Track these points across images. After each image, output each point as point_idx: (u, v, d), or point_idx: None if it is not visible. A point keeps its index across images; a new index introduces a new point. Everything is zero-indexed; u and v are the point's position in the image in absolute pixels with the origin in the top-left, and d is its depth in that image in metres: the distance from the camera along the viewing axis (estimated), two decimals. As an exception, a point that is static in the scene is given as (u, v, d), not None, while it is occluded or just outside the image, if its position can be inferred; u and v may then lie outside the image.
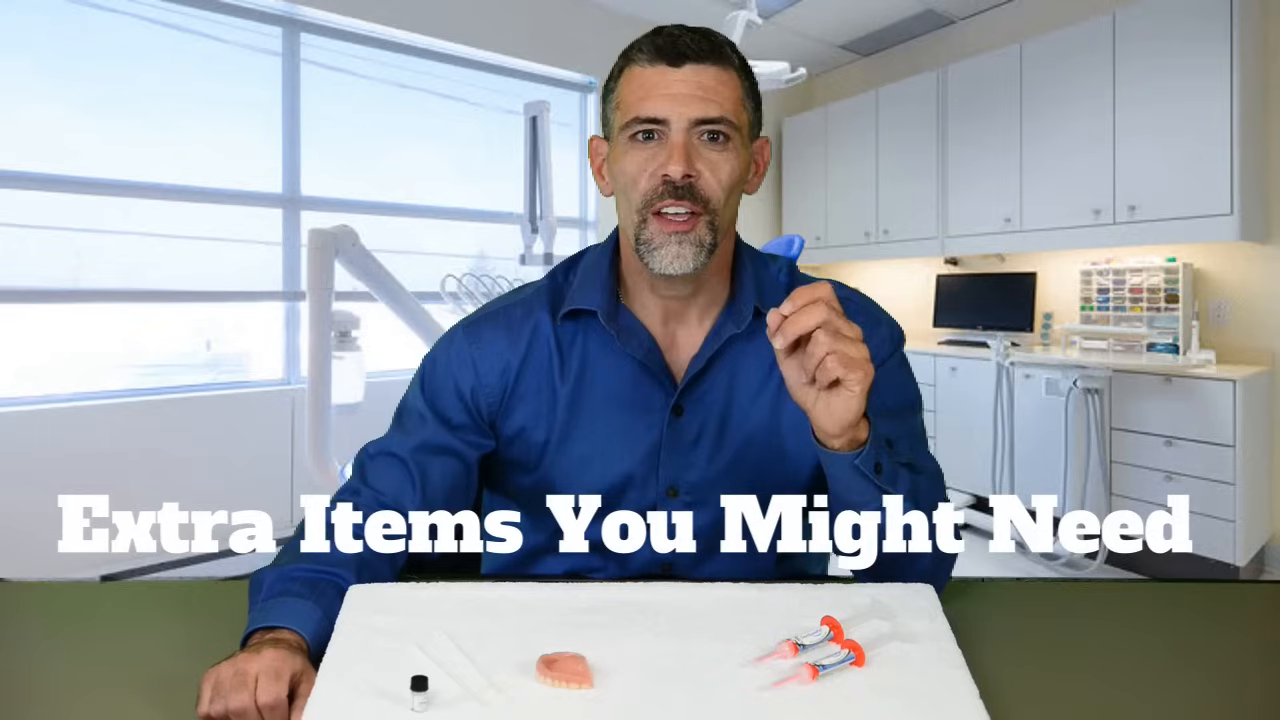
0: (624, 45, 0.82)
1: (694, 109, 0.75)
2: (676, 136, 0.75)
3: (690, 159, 0.75)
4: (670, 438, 0.84)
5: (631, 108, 0.77)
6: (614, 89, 0.81)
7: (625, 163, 0.78)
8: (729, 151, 0.77)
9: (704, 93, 0.75)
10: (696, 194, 0.76)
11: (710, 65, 0.76)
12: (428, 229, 3.75)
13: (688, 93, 0.75)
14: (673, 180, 0.75)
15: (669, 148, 0.75)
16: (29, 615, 0.77)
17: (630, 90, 0.78)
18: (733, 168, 0.77)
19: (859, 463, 0.69)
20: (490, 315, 0.89)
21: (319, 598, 0.68)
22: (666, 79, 0.76)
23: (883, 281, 4.61)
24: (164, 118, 3.01)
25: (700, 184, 0.76)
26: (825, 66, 4.85)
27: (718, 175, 0.76)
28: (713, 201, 0.77)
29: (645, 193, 0.77)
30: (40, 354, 2.79)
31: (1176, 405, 2.82)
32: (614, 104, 0.81)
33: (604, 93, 0.84)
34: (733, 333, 0.83)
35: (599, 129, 0.88)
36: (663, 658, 0.60)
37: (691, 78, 0.75)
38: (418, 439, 0.84)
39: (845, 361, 0.64)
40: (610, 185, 0.83)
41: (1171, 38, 2.97)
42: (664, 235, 0.76)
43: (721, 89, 0.76)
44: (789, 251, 2.36)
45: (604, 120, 0.84)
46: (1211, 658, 0.69)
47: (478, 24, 3.70)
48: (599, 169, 0.86)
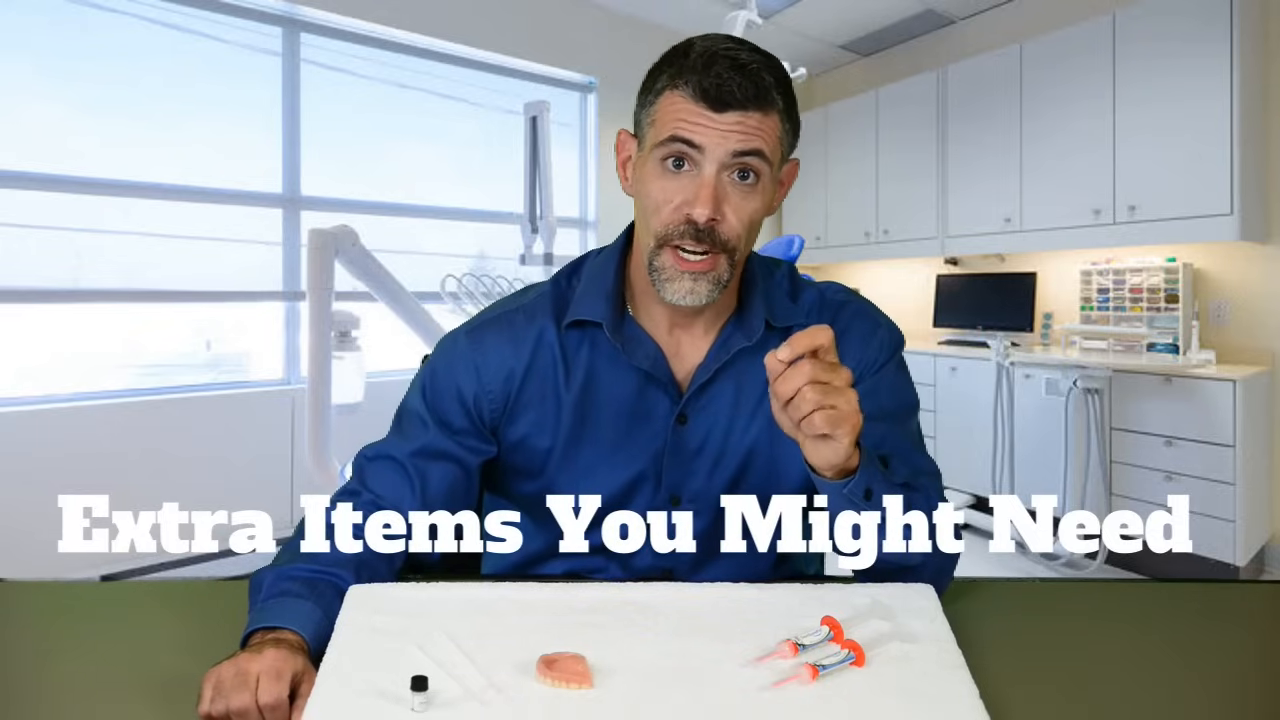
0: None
1: (732, 142, 0.73)
2: (709, 172, 0.73)
3: (718, 202, 0.74)
4: (673, 446, 0.84)
5: (668, 126, 0.75)
6: (653, 102, 0.77)
7: (651, 187, 0.77)
8: (756, 191, 0.76)
9: (743, 129, 0.73)
10: (717, 238, 0.75)
11: (753, 112, 0.73)
12: (428, 229, 3.75)
13: (728, 129, 0.73)
14: (695, 222, 0.74)
15: (698, 185, 0.74)
16: (29, 615, 0.77)
17: (668, 114, 0.75)
18: (757, 208, 0.76)
19: (846, 492, 0.69)
20: (493, 320, 0.88)
21: (319, 598, 0.68)
22: (705, 119, 0.73)
23: (883, 281, 4.61)
24: (164, 118, 3.01)
25: (722, 229, 0.75)
26: (825, 66, 4.85)
27: (740, 216, 0.75)
28: (732, 241, 0.76)
29: (666, 226, 0.76)
30: (40, 354, 2.79)
31: (1176, 405, 2.82)
32: (650, 116, 0.78)
33: (642, 93, 0.80)
34: (743, 345, 0.82)
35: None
36: (663, 658, 0.60)
37: (731, 123, 0.73)
38: (418, 443, 0.84)
39: (832, 419, 0.63)
40: (632, 186, 0.82)
41: (1171, 38, 2.97)
42: (678, 271, 0.76)
43: (762, 129, 0.74)
44: (789, 252, 2.36)
45: (636, 120, 0.81)
46: (1211, 658, 0.69)
47: (478, 24, 3.70)
48: (623, 164, 0.84)
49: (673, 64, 0.76)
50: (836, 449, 0.66)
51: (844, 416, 0.64)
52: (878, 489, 0.70)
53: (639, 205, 0.80)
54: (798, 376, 0.63)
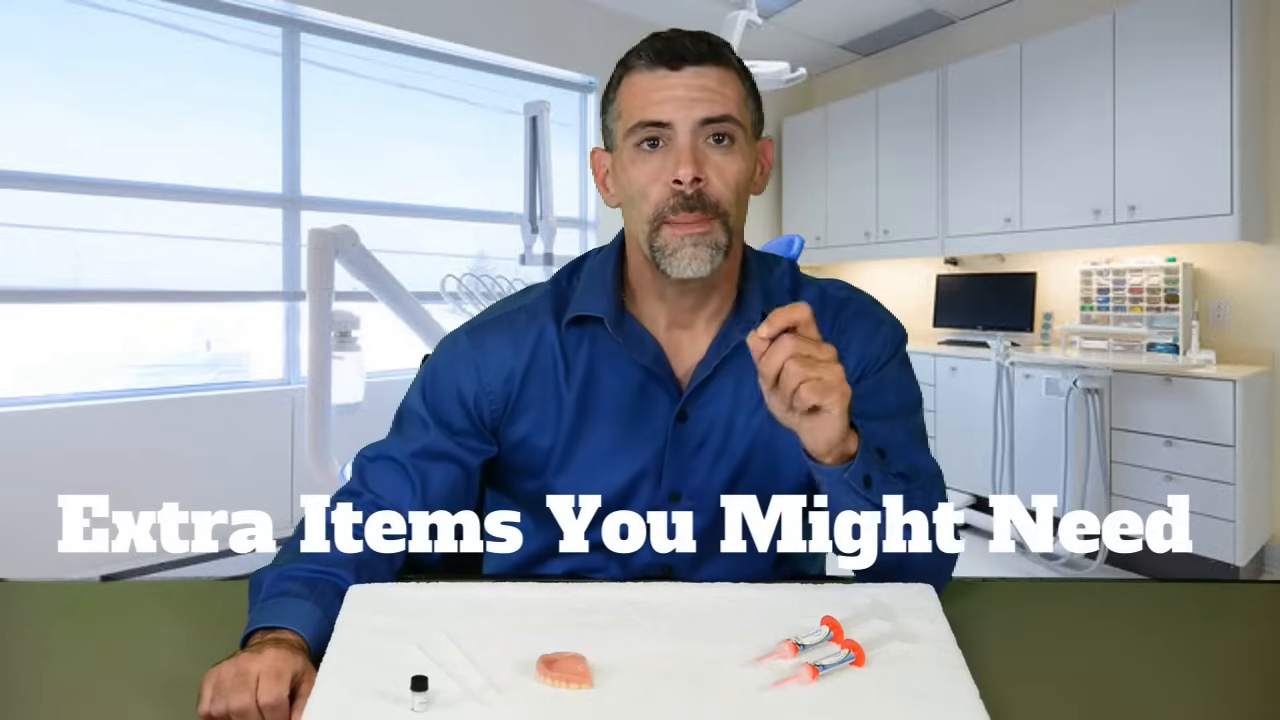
0: (624, 45, 0.81)
1: (698, 110, 0.74)
2: (683, 139, 0.75)
3: (699, 162, 0.75)
4: (674, 443, 0.84)
5: (634, 114, 0.77)
6: (614, 98, 0.80)
7: (633, 172, 0.78)
8: (735, 153, 0.77)
9: (707, 94, 0.75)
10: (706, 201, 0.76)
11: (710, 66, 0.76)
12: (428, 229, 3.75)
13: (690, 95, 0.75)
14: (683, 186, 0.74)
15: (676, 152, 0.75)
16: (29, 615, 0.77)
17: (631, 97, 0.77)
18: (739, 169, 0.77)
19: (847, 477, 0.69)
20: (494, 321, 0.88)
21: (319, 598, 0.68)
22: (667, 82, 0.75)
23: (883, 281, 4.61)
24: (164, 118, 3.01)
25: (709, 190, 0.76)
26: (825, 66, 4.85)
27: (725, 178, 0.76)
28: (723, 204, 0.76)
29: (657, 203, 0.76)
30: (40, 354, 2.79)
31: (1176, 405, 2.82)
32: (615, 113, 0.80)
33: (603, 103, 0.83)
34: (741, 340, 0.82)
35: (599, 134, 0.87)
36: (663, 658, 0.60)
37: (693, 80, 0.75)
38: (418, 444, 0.84)
39: (819, 389, 0.64)
40: (616, 196, 0.83)
41: (1171, 38, 2.97)
42: (679, 239, 0.76)
43: (724, 89, 0.76)
44: (789, 251, 2.36)
45: (605, 131, 0.83)
46: (1211, 658, 0.69)
47: (478, 24, 3.70)
48: (602, 180, 0.85)
49: (624, 57, 0.80)
50: (830, 423, 0.66)
51: (830, 386, 0.64)
52: (877, 477, 0.71)
53: (626, 199, 0.81)
54: (780, 352, 0.64)
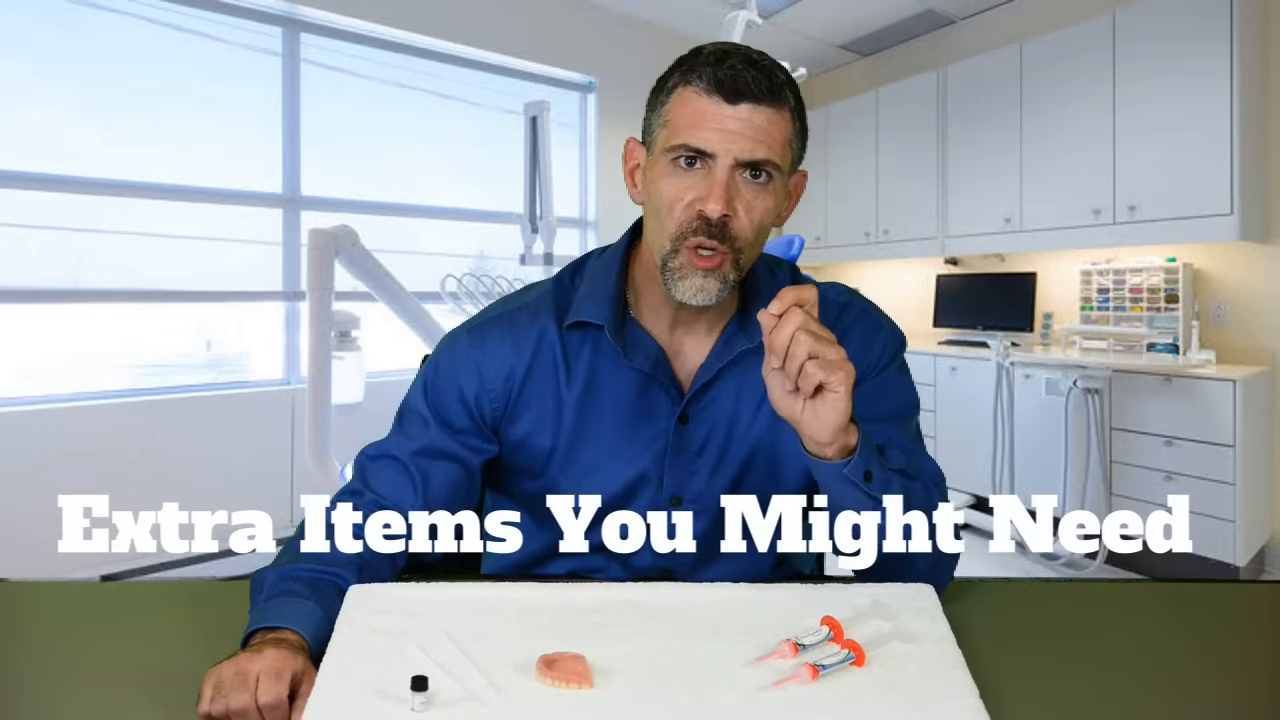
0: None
1: (742, 148, 0.73)
2: (720, 174, 0.74)
3: (730, 199, 0.74)
4: (675, 446, 0.84)
5: (679, 133, 0.75)
6: (665, 102, 0.78)
7: (664, 185, 0.77)
8: (768, 191, 0.76)
9: (754, 133, 0.74)
10: (728, 235, 0.75)
11: (766, 106, 0.74)
12: (428, 229, 3.75)
13: (739, 130, 0.73)
14: (708, 218, 0.74)
15: (710, 183, 0.74)
16: (29, 615, 0.77)
17: (681, 114, 0.76)
18: (767, 207, 0.77)
19: (848, 471, 0.69)
20: (495, 319, 0.88)
21: (320, 598, 0.68)
22: (720, 112, 0.74)
23: (883, 281, 4.61)
24: (164, 118, 3.01)
25: (734, 225, 0.75)
26: (825, 66, 4.84)
27: (752, 215, 0.76)
28: (741, 240, 0.76)
29: (680, 224, 0.76)
30: (40, 354, 2.79)
31: (1176, 405, 2.82)
32: (661, 119, 0.78)
33: (651, 99, 0.80)
34: (745, 347, 0.82)
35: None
36: (663, 658, 0.60)
37: (745, 116, 0.73)
38: (419, 443, 0.84)
39: (825, 365, 0.64)
40: (641, 194, 0.82)
41: (1171, 38, 2.97)
42: (691, 268, 0.76)
43: (772, 130, 0.74)
44: (789, 252, 2.37)
45: (646, 126, 0.81)
46: (1211, 658, 0.69)
47: (478, 24, 3.70)
48: (631, 173, 0.84)
49: (684, 64, 0.77)
50: (836, 405, 0.66)
51: (836, 364, 0.65)
52: (877, 472, 0.71)
53: (650, 206, 0.80)
54: (790, 323, 0.65)
